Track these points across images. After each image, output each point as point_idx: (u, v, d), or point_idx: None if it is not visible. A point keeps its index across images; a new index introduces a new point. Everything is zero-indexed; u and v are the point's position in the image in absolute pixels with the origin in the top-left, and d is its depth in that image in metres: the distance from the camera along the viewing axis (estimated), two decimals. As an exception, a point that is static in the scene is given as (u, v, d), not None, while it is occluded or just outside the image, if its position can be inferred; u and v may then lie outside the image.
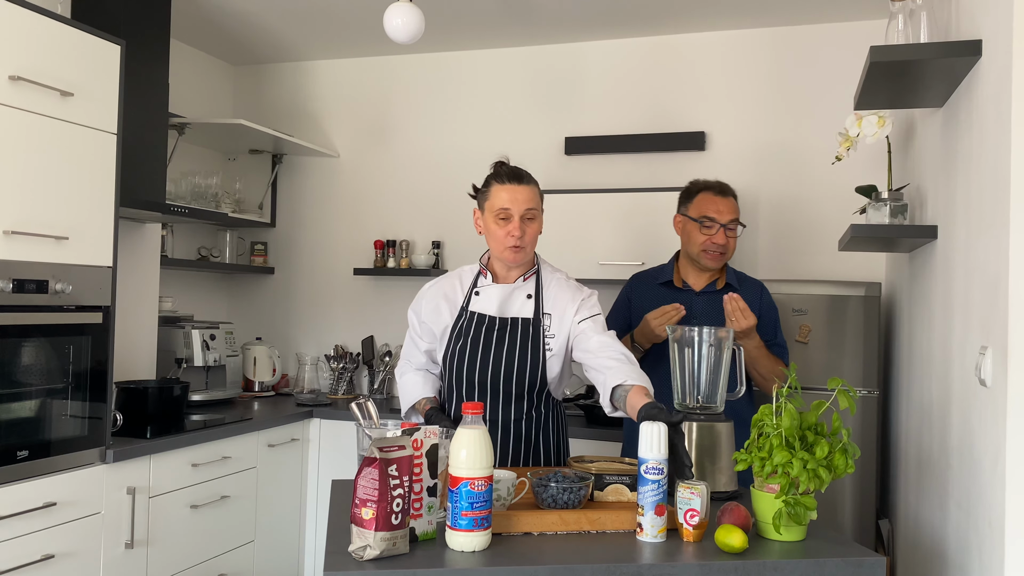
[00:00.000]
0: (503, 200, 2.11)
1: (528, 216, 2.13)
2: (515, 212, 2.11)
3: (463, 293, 2.27)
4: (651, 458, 1.65)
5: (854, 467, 1.69)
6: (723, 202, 2.57)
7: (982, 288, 1.73)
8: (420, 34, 3.03)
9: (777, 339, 2.59)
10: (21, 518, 2.28)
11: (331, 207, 4.27)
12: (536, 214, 2.15)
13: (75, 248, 2.49)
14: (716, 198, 2.58)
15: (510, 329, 2.20)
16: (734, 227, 2.57)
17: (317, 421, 3.59)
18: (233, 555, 3.15)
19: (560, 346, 2.19)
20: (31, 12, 2.35)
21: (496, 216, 2.13)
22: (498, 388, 2.19)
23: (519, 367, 2.17)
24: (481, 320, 2.21)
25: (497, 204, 2.12)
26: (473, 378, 2.20)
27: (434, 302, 2.27)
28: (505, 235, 2.12)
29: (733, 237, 2.57)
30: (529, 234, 2.14)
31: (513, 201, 2.11)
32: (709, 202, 2.57)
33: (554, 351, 2.19)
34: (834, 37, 3.51)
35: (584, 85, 3.87)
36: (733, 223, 2.57)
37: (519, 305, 2.22)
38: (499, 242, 2.15)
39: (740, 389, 2.20)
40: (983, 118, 1.77)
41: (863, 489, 3.02)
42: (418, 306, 2.32)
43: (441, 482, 1.65)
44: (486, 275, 2.24)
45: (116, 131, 2.63)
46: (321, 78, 4.30)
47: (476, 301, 2.24)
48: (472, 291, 2.26)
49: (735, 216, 2.58)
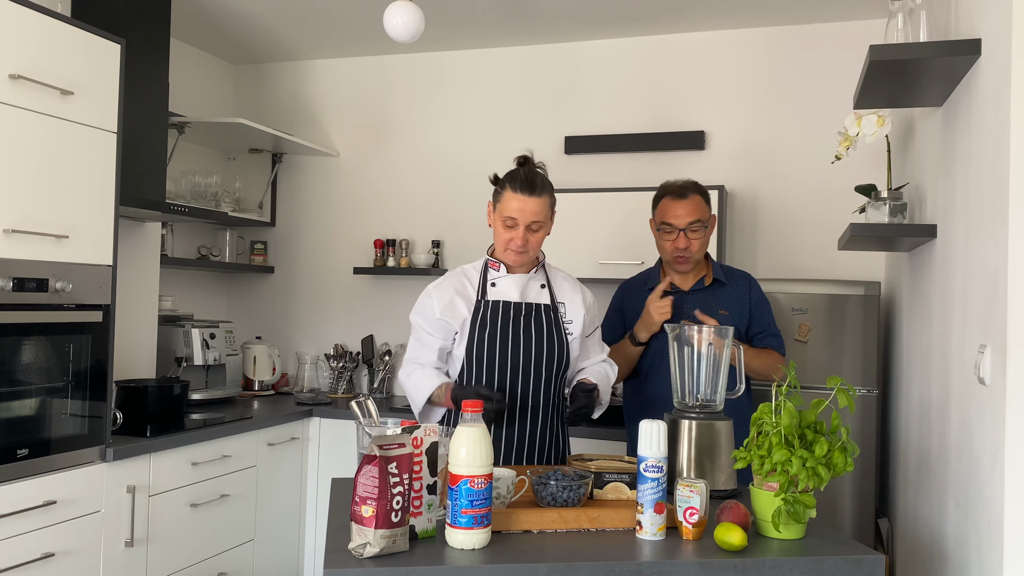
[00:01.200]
0: (512, 209, 2.20)
1: (533, 227, 2.22)
2: (521, 222, 2.20)
3: (473, 287, 2.31)
4: (650, 456, 1.65)
5: (853, 465, 1.70)
6: (681, 205, 2.51)
7: (981, 287, 1.73)
8: (420, 33, 3.03)
9: (771, 329, 2.59)
10: (21, 516, 2.29)
11: (331, 206, 4.27)
12: (543, 224, 2.24)
13: (75, 247, 2.49)
14: (674, 202, 2.52)
15: (535, 313, 2.29)
16: (697, 228, 2.50)
17: (317, 420, 3.60)
18: (233, 554, 3.15)
19: (577, 331, 2.33)
20: (31, 11, 2.35)
21: (504, 222, 2.22)
22: (529, 370, 2.26)
23: (548, 348, 2.27)
24: (506, 307, 2.27)
25: (506, 211, 2.21)
26: (505, 363, 2.24)
27: (447, 297, 2.28)
28: (508, 240, 2.23)
29: (697, 238, 2.51)
30: (532, 242, 2.24)
31: (521, 212, 2.19)
32: (667, 207, 2.53)
33: (574, 335, 2.33)
34: (833, 36, 3.52)
35: (584, 84, 3.87)
36: (694, 224, 2.50)
37: (536, 292, 2.32)
38: (503, 244, 2.25)
39: (740, 387, 2.21)
40: (982, 117, 1.77)
41: (862, 487, 3.02)
42: (427, 305, 2.31)
43: (441, 480, 1.65)
44: (498, 267, 2.30)
45: (116, 130, 2.63)
46: (321, 77, 4.30)
47: (493, 291, 2.29)
48: (486, 283, 2.30)
49: (695, 217, 2.50)
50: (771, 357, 2.53)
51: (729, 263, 3.52)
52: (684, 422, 2.01)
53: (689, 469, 1.99)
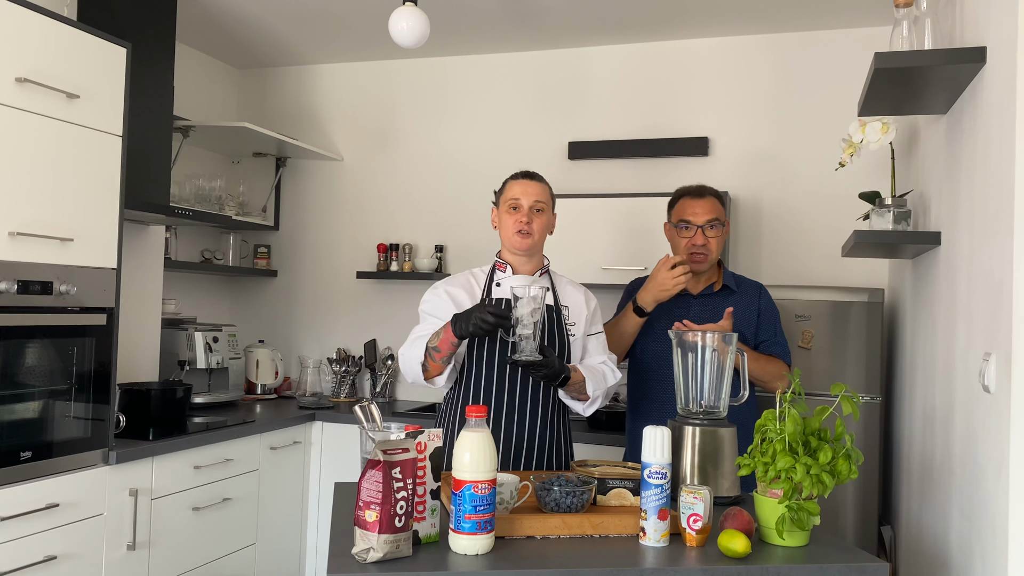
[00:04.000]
0: (515, 192, 2.32)
1: (537, 207, 2.30)
2: (524, 203, 2.29)
3: (479, 287, 2.36)
4: (654, 462, 1.65)
5: (857, 473, 1.69)
6: (699, 204, 2.55)
7: (986, 294, 1.73)
8: (425, 38, 3.03)
9: (777, 338, 2.58)
10: (24, 519, 2.29)
11: (334, 210, 4.28)
12: (545, 208, 2.32)
13: (80, 250, 2.50)
14: (693, 201, 2.57)
15: None
16: (714, 227, 2.53)
17: (319, 424, 3.59)
18: (234, 557, 3.15)
19: (580, 332, 2.37)
20: (38, 14, 2.36)
21: (508, 207, 2.31)
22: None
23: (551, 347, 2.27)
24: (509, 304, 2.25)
25: (509, 196, 2.32)
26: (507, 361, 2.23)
27: (455, 290, 2.34)
28: (514, 222, 2.29)
29: (714, 237, 2.53)
30: (537, 224, 2.29)
31: (524, 193, 2.30)
32: (686, 206, 2.57)
33: (576, 336, 2.36)
34: (838, 43, 3.52)
35: (588, 90, 3.87)
36: (712, 223, 2.53)
37: None
38: (508, 229, 2.31)
39: (743, 394, 2.20)
40: (987, 125, 1.77)
41: (866, 495, 3.02)
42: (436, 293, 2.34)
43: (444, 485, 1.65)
44: (504, 268, 2.35)
45: (121, 133, 2.64)
46: (325, 82, 4.31)
47: (498, 291, 2.33)
48: (491, 284, 2.35)
49: (713, 216, 2.53)
50: (773, 364, 2.51)
51: (733, 269, 3.52)
52: (688, 428, 2.01)
53: (693, 475, 1.98)
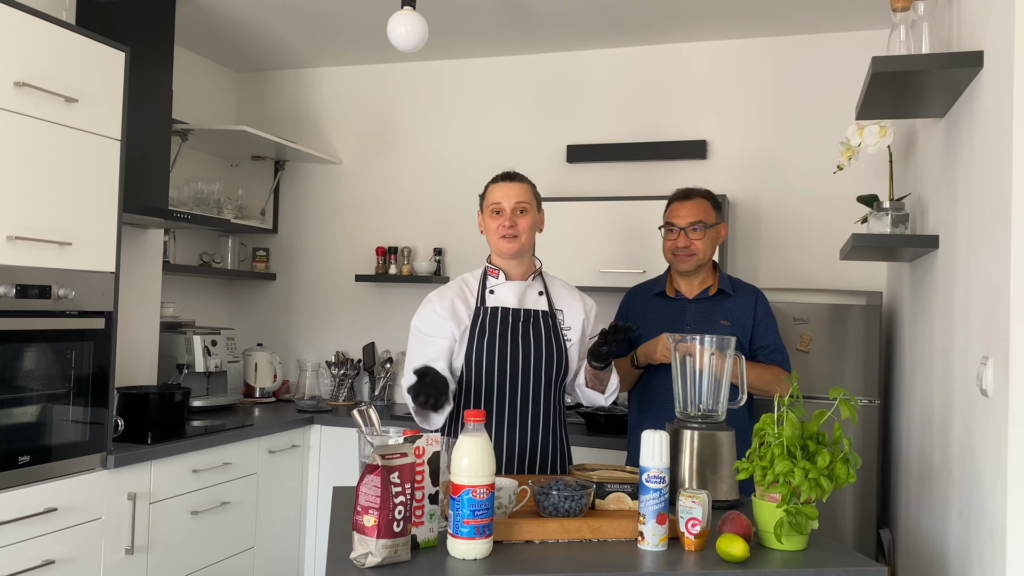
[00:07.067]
0: (496, 196, 2.28)
1: (519, 209, 2.27)
2: (506, 206, 2.26)
3: (473, 295, 2.33)
4: (652, 467, 1.65)
5: (855, 477, 1.69)
6: (684, 206, 2.58)
7: (983, 298, 1.73)
8: (423, 42, 3.03)
9: (776, 344, 2.59)
10: (22, 523, 2.28)
11: (333, 213, 4.28)
12: (528, 208, 2.28)
13: (78, 254, 2.50)
14: (679, 204, 2.60)
15: (533, 320, 2.30)
16: (697, 229, 2.54)
17: (318, 427, 3.59)
18: (233, 561, 3.14)
19: (576, 337, 2.34)
20: (36, 18, 2.36)
21: (491, 211, 2.28)
22: (528, 376, 2.27)
23: (547, 355, 2.28)
24: (505, 313, 2.29)
25: (491, 200, 2.29)
26: (504, 369, 2.25)
27: (448, 301, 2.31)
28: (497, 227, 2.27)
29: (699, 239, 2.54)
30: (521, 226, 2.26)
31: (505, 196, 2.27)
32: (672, 209, 2.62)
33: (572, 341, 2.34)
34: (836, 47, 3.53)
35: (586, 93, 3.88)
36: (695, 225, 2.54)
37: (534, 299, 2.34)
38: (493, 234, 2.28)
39: (742, 398, 2.20)
40: (984, 128, 1.77)
41: (864, 498, 3.02)
42: (428, 309, 2.32)
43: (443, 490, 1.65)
44: (496, 275, 2.33)
45: (120, 137, 2.64)
46: (324, 85, 4.31)
47: (491, 298, 2.31)
48: (484, 290, 2.32)
49: (697, 219, 2.55)
50: (770, 372, 2.51)
51: (731, 272, 3.53)
52: (686, 432, 2.01)
53: (691, 480, 1.98)
